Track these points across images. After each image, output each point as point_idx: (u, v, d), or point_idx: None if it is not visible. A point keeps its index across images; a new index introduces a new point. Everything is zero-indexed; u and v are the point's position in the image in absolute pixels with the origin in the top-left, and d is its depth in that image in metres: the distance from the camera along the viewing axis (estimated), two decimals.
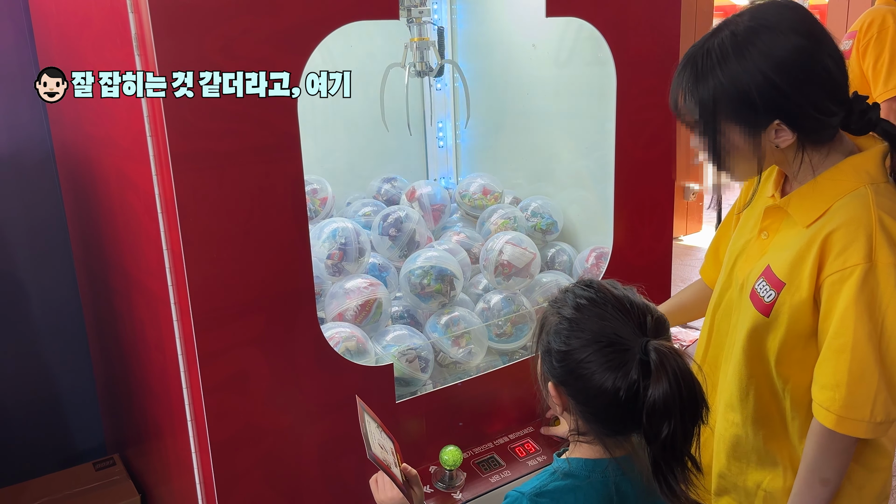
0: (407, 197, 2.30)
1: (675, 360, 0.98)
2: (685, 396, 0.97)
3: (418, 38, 2.00)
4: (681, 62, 1.22)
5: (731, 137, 1.19)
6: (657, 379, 0.96)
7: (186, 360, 1.45)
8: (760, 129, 1.17)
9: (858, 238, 1.10)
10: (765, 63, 1.12)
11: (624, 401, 0.98)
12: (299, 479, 1.59)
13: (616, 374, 0.99)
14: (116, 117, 1.55)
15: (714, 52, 1.16)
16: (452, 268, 1.96)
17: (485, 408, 1.89)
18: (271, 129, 1.41)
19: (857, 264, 1.09)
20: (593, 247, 2.22)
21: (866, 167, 1.17)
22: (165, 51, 1.28)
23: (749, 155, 1.20)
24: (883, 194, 1.15)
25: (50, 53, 1.99)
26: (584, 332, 1.02)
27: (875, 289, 1.10)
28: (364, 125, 2.46)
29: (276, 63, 1.39)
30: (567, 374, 1.04)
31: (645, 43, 1.95)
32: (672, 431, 0.96)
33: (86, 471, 2.16)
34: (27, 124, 2.16)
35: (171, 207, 1.35)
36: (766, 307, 1.21)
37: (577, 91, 2.25)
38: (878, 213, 1.11)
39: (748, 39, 1.14)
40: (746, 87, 1.13)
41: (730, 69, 1.14)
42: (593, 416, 1.05)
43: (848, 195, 1.15)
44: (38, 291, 2.27)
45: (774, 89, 1.13)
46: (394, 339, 1.84)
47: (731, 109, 1.16)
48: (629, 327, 1.02)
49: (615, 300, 1.05)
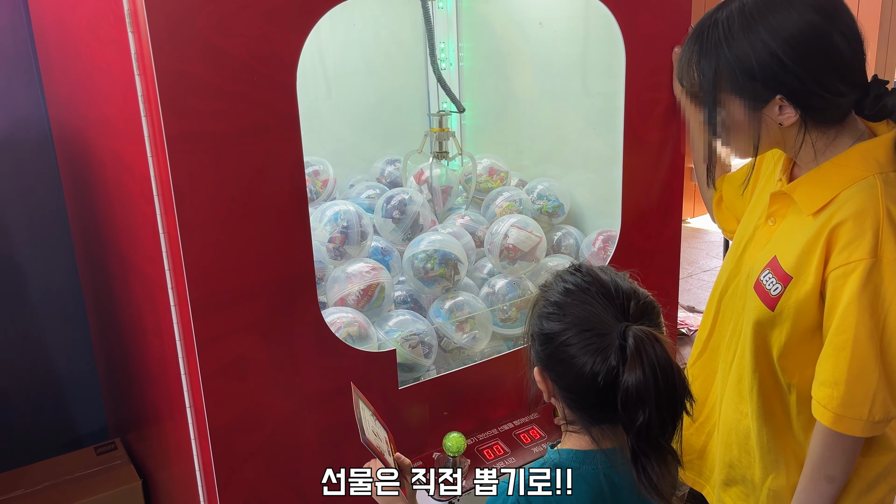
0: (415, 179, 2.26)
1: (654, 347, 0.96)
2: (661, 385, 0.95)
3: (439, 129, 2.11)
4: (690, 32, 1.20)
5: (732, 111, 1.16)
6: (632, 365, 0.95)
7: (184, 346, 1.42)
8: (762, 104, 1.14)
9: (865, 232, 1.07)
10: (770, 37, 1.09)
11: (603, 386, 0.97)
12: (300, 466, 1.57)
13: (594, 359, 0.97)
14: (111, 97, 1.51)
15: (721, 24, 1.13)
16: (457, 251, 1.92)
17: (489, 394, 1.86)
18: (269, 109, 1.38)
19: (862, 259, 1.06)
20: (600, 230, 2.19)
21: (875, 154, 1.13)
22: (159, 28, 1.24)
23: (747, 131, 1.17)
24: (893, 184, 1.11)
25: (46, 33, 1.95)
26: (566, 316, 1.02)
27: (879, 285, 1.07)
28: (367, 105, 2.43)
29: (274, 40, 1.35)
30: (549, 357, 1.04)
31: (655, 20, 1.89)
32: (647, 420, 0.95)
33: (87, 455, 2.15)
34: (24, 105, 2.13)
35: (166, 190, 1.32)
36: (773, 301, 1.18)
37: (585, 70, 2.20)
38: (887, 205, 1.08)
39: (756, 12, 1.11)
40: (750, 61, 1.11)
41: (735, 42, 1.12)
42: (576, 402, 1.04)
43: (856, 184, 1.11)
44: (37, 275, 2.25)
45: (778, 63, 1.10)
46: (397, 325, 1.81)
47: (733, 82, 1.14)
48: (610, 312, 1.00)
49: (600, 285, 1.03)
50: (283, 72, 1.37)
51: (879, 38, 6.73)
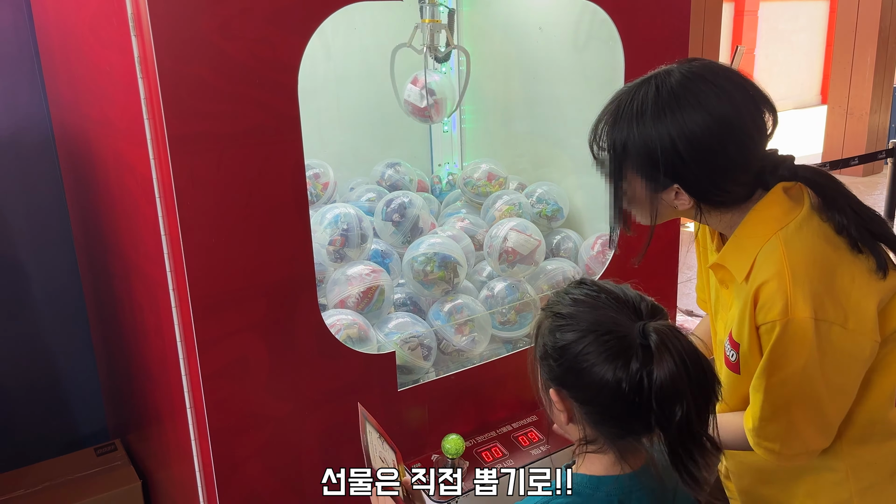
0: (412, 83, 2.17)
1: (677, 337, 0.95)
2: (693, 373, 0.93)
3: (430, 19, 1.94)
4: (610, 99, 1.23)
5: (634, 186, 1.21)
6: (660, 359, 0.93)
7: (185, 347, 1.43)
8: (660, 188, 1.19)
9: (776, 295, 1.13)
10: (675, 130, 1.13)
11: (628, 392, 0.94)
12: (300, 467, 1.57)
13: (616, 364, 0.95)
14: (113, 98, 1.52)
15: (637, 103, 1.16)
16: (456, 254, 1.93)
17: (488, 396, 1.87)
18: (271, 112, 1.38)
19: (777, 320, 1.12)
20: (599, 234, 2.19)
21: (771, 213, 1.18)
22: (162, 30, 1.25)
23: (647, 206, 1.23)
24: (793, 236, 1.15)
25: (48, 34, 1.96)
26: (580, 324, 0.99)
27: (792, 340, 1.12)
28: (368, 109, 2.43)
29: (276, 43, 1.36)
30: (566, 371, 1.00)
31: (654, 25, 1.91)
32: (686, 412, 0.93)
33: (87, 456, 2.16)
34: (26, 105, 2.13)
35: (168, 191, 1.33)
36: (734, 366, 1.24)
37: (585, 75, 2.21)
38: (791, 267, 1.13)
39: (669, 102, 1.14)
40: (654, 148, 1.14)
41: (644, 125, 1.15)
42: (599, 415, 1.00)
43: (764, 246, 1.17)
44: (39, 275, 2.25)
45: (679, 158, 1.14)
46: (396, 327, 1.82)
47: (637, 162, 1.18)
48: (624, 314, 0.99)
49: (608, 292, 1.02)
50: (285, 74, 1.38)
51: (879, 38, 6.76)
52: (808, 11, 13.70)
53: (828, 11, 13.89)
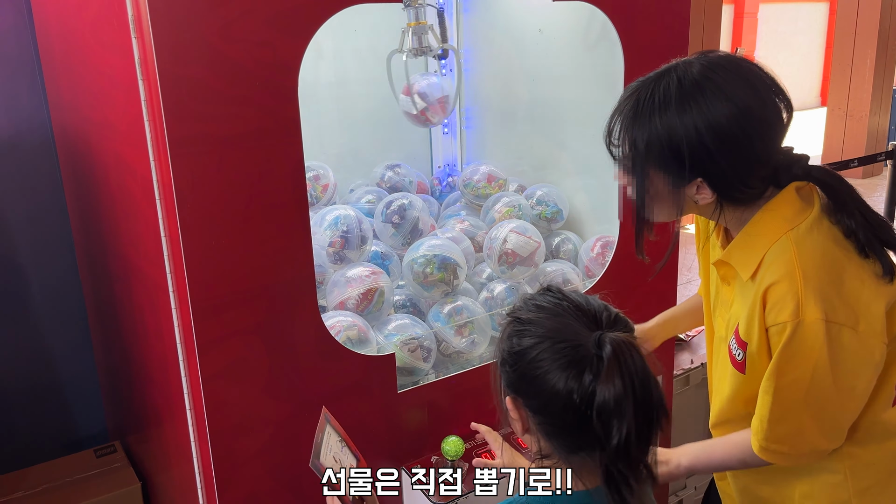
0: (404, 93, 2.17)
1: (631, 353, 0.92)
2: (639, 395, 0.91)
3: (415, 22, 1.93)
4: (624, 93, 1.19)
5: (655, 182, 1.19)
6: (609, 373, 0.90)
7: (185, 349, 1.43)
8: (684, 182, 1.16)
9: (788, 295, 1.12)
10: (702, 121, 1.10)
11: (579, 403, 0.91)
12: (300, 469, 1.57)
13: (568, 373, 0.92)
14: (114, 100, 1.52)
15: (657, 96, 1.14)
16: (456, 256, 1.93)
17: (488, 398, 1.86)
18: (271, 114, 1.39)
19: (787, 321, 1.12)
20: (599, 235, 2.20)
21: (782, 213, 1.17)
22: (163, 32, 1.25)
23: (669, 202, 1.21)
24: (804, 238, 1.15)
25: (49, 36, 1.96)
26: (538, 329, 0.98)
27: (803, 342, 1.12)
28: (368, 111, 2.44)
29: (276, 46, 1.36)
30: (520, 378, 0.98)
31: (654, 28, 1.91)
32: (626, 434, 0.90)
33: (87, 457, 2.15)
34: (26, 107, 2.14)
35: (168, 193, 1.33)
36: (740, 365, 1.24)
37: (584, 77, 2.21)
38: (802, 268, 1.12)
39: (693, 93, 1.11)
40: (679, 141, 1.12)
41: (668, 118, 1.12)
42: (551, 426, 0.98)
43: (774, 246, 1.16)
44: (38, 277, 2.25)
45: (705, 150, 1.11)
46: (396, 329, 1.82)
47: (660, 157, 1.15)
48: (583, 322, 0.97)
49: (570, 300, 1.00)
50: (285, 77, 1.39)
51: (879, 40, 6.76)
52: (807, 13, 13.73)
53: (827, 13, 13.92)
